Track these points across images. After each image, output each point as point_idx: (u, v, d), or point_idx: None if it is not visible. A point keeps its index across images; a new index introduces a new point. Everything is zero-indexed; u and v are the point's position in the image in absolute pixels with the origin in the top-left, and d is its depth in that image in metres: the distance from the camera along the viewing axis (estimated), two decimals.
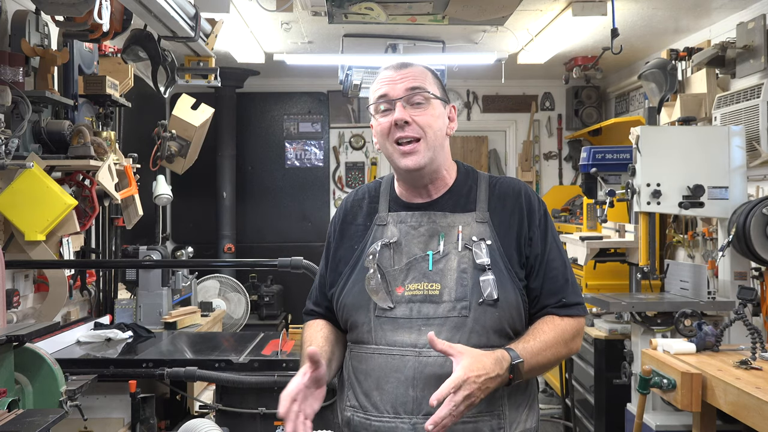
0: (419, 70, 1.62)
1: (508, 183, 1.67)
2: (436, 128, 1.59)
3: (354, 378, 1.58)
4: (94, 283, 4.06)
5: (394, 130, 1.57)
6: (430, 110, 1.59)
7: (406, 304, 1.54)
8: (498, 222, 1.60)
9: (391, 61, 1.67)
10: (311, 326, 1.71)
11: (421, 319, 1.52)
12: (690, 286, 3.54)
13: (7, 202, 3.06)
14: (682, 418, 3.27)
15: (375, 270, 1.55)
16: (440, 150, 1.61)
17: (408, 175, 1.61)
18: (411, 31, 4.91)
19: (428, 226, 1.60)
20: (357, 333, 1.58)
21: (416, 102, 1.58)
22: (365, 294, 1.56)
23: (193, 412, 3.30)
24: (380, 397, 1.51)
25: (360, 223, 1.67)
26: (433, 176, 1.62)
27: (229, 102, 6.50)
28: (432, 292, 1.53)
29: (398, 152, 1.58)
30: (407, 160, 1.57)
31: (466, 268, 1.54)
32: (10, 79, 2.97)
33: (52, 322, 2.77)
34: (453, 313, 1.51)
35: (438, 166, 1.62)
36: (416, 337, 1.51)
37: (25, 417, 1.97)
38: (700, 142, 3.54)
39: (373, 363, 1.54)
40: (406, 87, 1.58)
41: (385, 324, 1.54)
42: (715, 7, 4.27)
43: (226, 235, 6.48)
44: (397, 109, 1.57)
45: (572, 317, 1.58)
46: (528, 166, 6.89)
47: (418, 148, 1.57)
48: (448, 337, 1.49)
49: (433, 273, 1.55)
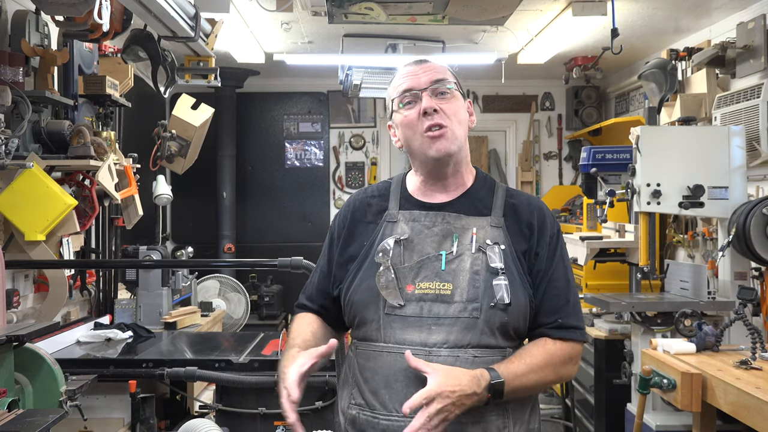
0: (440, 65, 1.66)
1: (525, 196, 1.68)
2: (459, 118, 1.61)
3: (360, 376, 1.57)
4: (94, 283, 4.06)
5: (422, 119, 1.58)
6: (454, 101, 1.61)
7: (417, 302, 1.53)
8: (511, 229, 1.60)
9: (407, 61, 1.69)
10: (301, 319, 1.72)
11: (431, 318, 1.52)
12: (690, 286, 3.53)
13: (7, 202, 3.06)
14: (682, 418, 3.27)
15: (387, 267, 1.55)
16: (464, 141, 1.63)
17: (435, 163, 1.61)
18: (411, 31, 4.91)
19: (442, 226, 1.59)
20: (365, 330, 1.58)
21: (441, 92, 1.60)
22: (374, 291, 1.55)
23: (193, 412, 3.30)
24: (389, 396, 1.51)
25: (370, 220, 1.67)
26: (456, 168, 1.63)
27: (229, 102, 6.50)
28: (444, 292, 1.53)
29: (428, 139, 1.58)
30: (438, 144, 1.57)
31: (479, 270, 1.54)
32: (10, 79, 2.97)
33: (52, 322, 2.77)
34: (464, 314, 1.51)
35: (461, 159, 1.63)
36: (426, 336, 1.51)
37: (25, 417, 1.97)
38: (700, 142, 3.54)
39: (382, 361, 1.53)
40: (431, 79, 1.61)
41: (395, 322, 1.53)
42: (715, 7, 4.27)
43: (226, 235, 6.48)
44: (424, 99, 1.59)
45: (566, 341, 1.56)
46: (528, 166, 6.89)
47: (446, 134, 1.58)
48: (459, 338, 1.50)
49: (446, 273, 1.54)
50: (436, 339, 1.50)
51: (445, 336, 1.50)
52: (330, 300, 1.69)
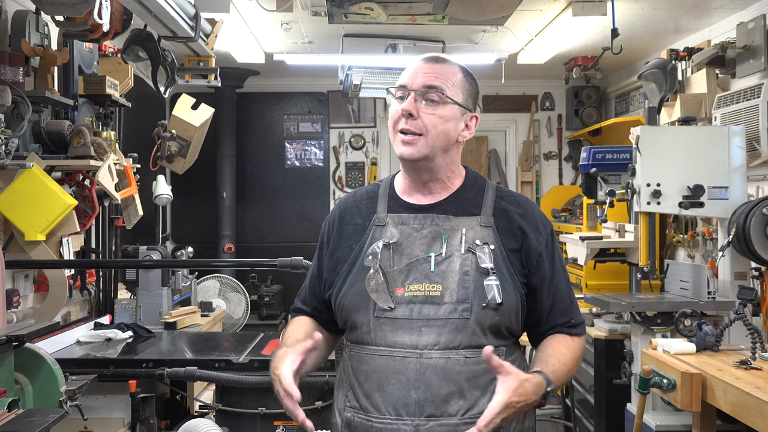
0: (449, 71, 1.62)
1: (516, 196, 1.68)
2: (440, 130, 1.57)
3: (354, 379, 1.57)
4: (94, 283, 4.06)
5: (401, 119, 1.58)
6: (440, 111, 1.58)
7: (407, 304, 1.53)
8: (501, 228, 1.60)
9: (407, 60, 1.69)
10: (295, 322, 1.74)
11: (421, 320, 1.52)
12: (690, 286, 3.53)
13: (7, 202, 3.06)
14: (682, 418, 3.27)
15: (376, 270, 1.55)
16: (442, 153, 1.59)
17: (404, 164, 1.63)
18: (411, 31, 4.91)
19: (431, 228, 1.59)
20: (356, 333, 1.58)
21: (430, 99, 1.58)
22: (365, 294, 1.55)
23: (193, 412, 3.30)
24: (382, 399, 1.52)
25: (358, 223, 1.66)
26: (433, 175, 1.62)
27: (229, 102, 6.51)
28: (433, 294, 1.53)
29: (398, 140, 1.59)
30: (403, 149, 1.59)
31: (469, 270, 1.54)
32: (10, 79, 2.97)
33: (52, 322, 2.77)
34: (454, 314, 1.51)
35: (437, 168, 1.61)
36: (417, 338, 1.51)
37: (25, 417, 1.97)
38: (700, 142, 3.54)
39: (374, 364, 1.54)
40: (425, 83, 1.58)
41: (385, 325, 1.53)
42: (715, 7, 4.27)
43: (226, 235, 6.48)
44: (407, 100, 1.58)
45: (580, 336, 1.64)
46: (528, 166, 6.89)
47: (416, 141, 1.57)
48: (449, 339, 1.50)
49: (435, 274, 1.54)
50: (427, 341, 1.50)
51: (436, 337, 1.50)
52: (323, 303, 1.70)
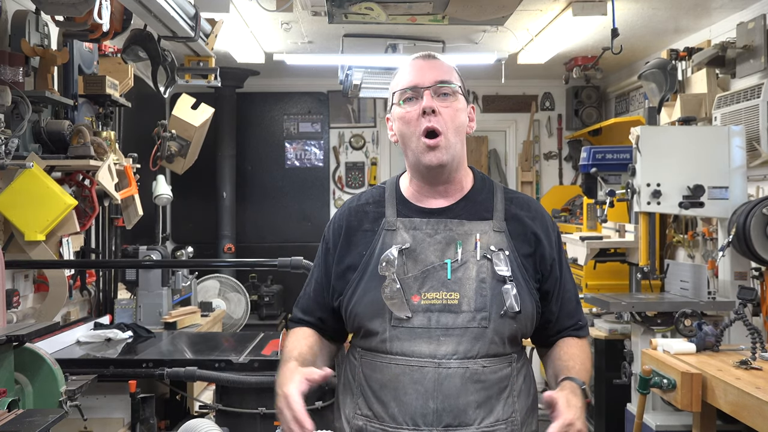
0: (447, 65, 1.62)
1: (524, 198, 1.67)
2: (459, 122, 1.57)
3: (367, 386, 1.54)
4: (94, 283, 4.06)
5: (421, 119, 1.54)
6: (455, 104, 1.57)
7: (424, 313, 1.50)
8: (514, 233, 1.58)
9: (408, 59, 1.65)
10: (296, 333, 1.67)
11: (440, 329, 1.49)
12: (690, 286, 3.53)
13: (7, 202, 3.06)
14: (682, 418, 3.28)
15: (392, 278, 1.51)
16: (461, 147, 1.59)
17: (428, 172, 1.57)
18: (411, 31, 4.91)
19: (445, 233, 1.55)
20: (371, 341, 1.54)
21: (443, 93, 1.56)
22: (379, 302, 1.51)
23: (193, 412, 3.30)
24: (398, 409, 1.48)
25: (367, 228, 1.61)
26: (450, 176, 1.59)
27: (229, 102, 6.50)
28: (451, 302, 1.50)
29: (423, 146, 1.54)
30: (431, 156, 1.53)
31: (485, 277, 1.51)
32: (10, 79, 2.97)
33: (52, 322, 2.77)
34: (473, 323, 1.49)
35: (458, 165, 1.59)
36: (435, 348, 1.48)
37: (25, 417, 1.97)
38: (700, 142, 3.54)
39: (390, 373, 1.50)
40: (436, 78, 1.56)
41: (402, 334, 1.50)
42: (715, 7, 4.27)
43: (226, 235, 6.48)
44: (425, 98, 1.55)
45: (586, 338, 1.67)
46: (528, 166, 6.89)
47: (441, 143, 1.53)
48: (468, 348, 1.48)
49: (452, 282, 1.51)
50: (446, 350, 1.48)
51: (455, 347, 1.48)
52: (329, 312, 1.65)
